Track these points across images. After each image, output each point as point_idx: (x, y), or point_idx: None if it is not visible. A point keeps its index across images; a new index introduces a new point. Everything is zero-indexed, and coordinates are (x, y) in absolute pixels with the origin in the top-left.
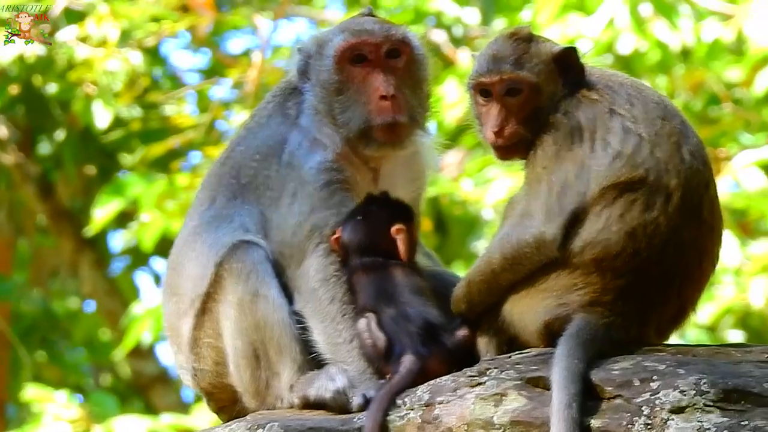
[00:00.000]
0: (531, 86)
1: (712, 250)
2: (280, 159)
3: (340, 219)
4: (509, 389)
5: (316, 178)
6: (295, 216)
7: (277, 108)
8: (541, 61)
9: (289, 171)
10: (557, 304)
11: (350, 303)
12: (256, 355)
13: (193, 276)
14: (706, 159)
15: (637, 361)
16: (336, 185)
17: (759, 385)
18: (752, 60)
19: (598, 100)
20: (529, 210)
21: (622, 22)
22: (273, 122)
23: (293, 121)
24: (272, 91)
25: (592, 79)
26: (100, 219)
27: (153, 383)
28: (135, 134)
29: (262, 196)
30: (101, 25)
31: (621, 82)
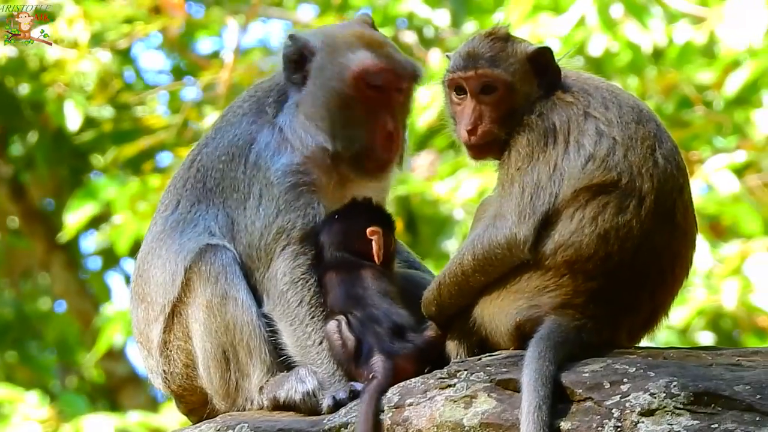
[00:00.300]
0: (506, 85)
1: (685, 254)
2: (246, 159)
3: (307, 221)
4: (479, 391)
5: (282, 180)
6: (261, 219)
7: (254, 105)
8: (517, 60)
9: (255, 172)
10: (528, 306)
11: (319, 305)
12: (225, 357)
13: (162, 282)
14: (680, 163)
15: (608, 364)
16: (302, 188)
17: (729, 388)
18: (723, 62)
19: (572, 103)
20: (502, 211)
21: (592, 22)
22: (245, 121)
23: (269, 119)
24: (249, 90)
25: (567, 82)
26: (72, 224)
27: (123, 384)
28: (107, 135)
29: (228, 198)
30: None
31: (597, 86)
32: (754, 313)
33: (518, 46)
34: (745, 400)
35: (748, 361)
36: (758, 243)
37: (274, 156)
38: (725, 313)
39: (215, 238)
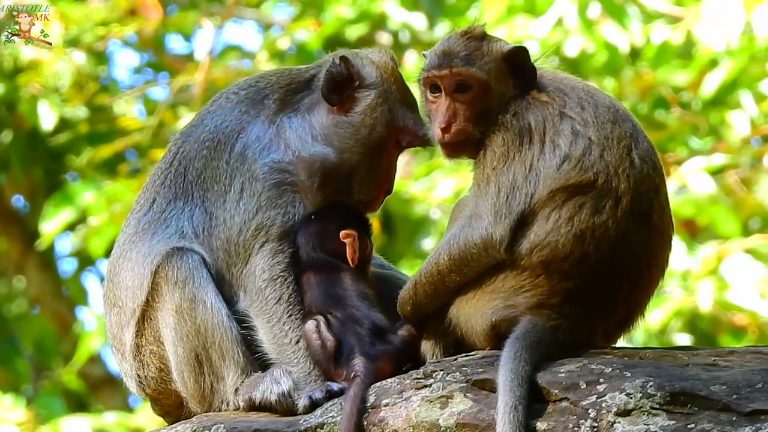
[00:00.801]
0: (480, 83)
1: (661, 255)
2: (232, 148)
3: (287, 219)
4: (455, 391)
5: (267, 176)
6: (241, 214)
7: (251, 95)
8: (492, 59)
9: (239, 164)
10: (504, 306)
11: (297, 303)
12: (198, 361)
13: (131, 286)
14: (656, 164)
15: (584, 364)
16: (286, 186)
17: (706, 388)
18: (700, 63)
19: (548, 103)
20: (478, 211)
21: (571, 23)
22: (237, 109)
23: (267, 113)
24: (250, 78)
25: (543, 82)
26: (49, 231)
27: (100, 385)
28: (82, 137)
29: (209, 190)
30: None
31: (573, 86)
32: (731, 311)
33: (494, 45)
34: (722, 400)
35: (724, 361)
36: (735, 244)
37: (264, 150)
38: (702, 314)
39: (185, 239)
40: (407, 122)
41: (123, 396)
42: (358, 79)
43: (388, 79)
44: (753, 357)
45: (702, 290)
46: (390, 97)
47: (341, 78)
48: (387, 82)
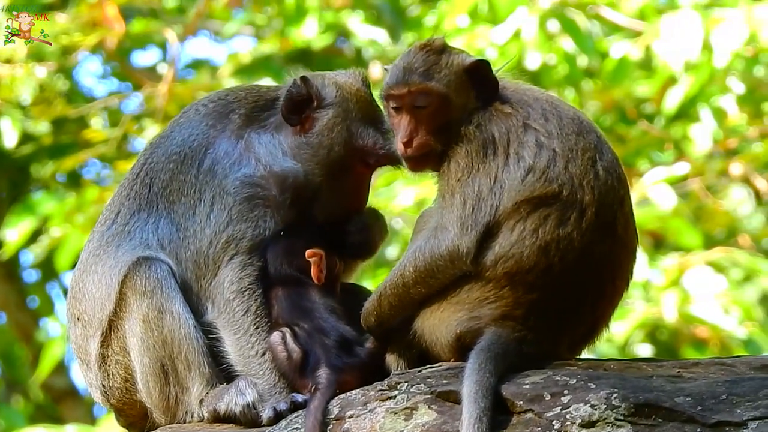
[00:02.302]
0: (440, 97)
1: (625, 266)
2: (200, 163)
3: (257, 232)
4: (420, 403)
5: (239, 190)
6: (212, 227)
7: (219, 108)
8: (452, 72)
9: (209, 178)
10: (469, 318)
11: (264, 316)
12: (164, 371)
13: (98, 298)
14: (620, 175)
15: (548, 376)
16: (258, 200)
17: (670, 400)
18: (661, 77)
19: (511, 114)
20: (443, 223)
21: (529, 35)
22: (204, 122)
23: (233, 128)
24: (220, 91)
25: (505, 93)
26: (13, 241)
27: (63, 397)
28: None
29: (175, 203)
30: None
31: (536, 97)
32: (693, 323)
33: (455, 58)
34: (686, 412)
35: (688, 373)
36: (697, 256)
37: (234, 165)
38: (664, 325)
39: (150, 249)
40: (367, 141)
41: (87, 408)
42: (317, 100)
43: (348, 99)
44: (717, 368)
45: (666, 302)
46: (349, 116)
47: (300, 98)
48: (347, 101)
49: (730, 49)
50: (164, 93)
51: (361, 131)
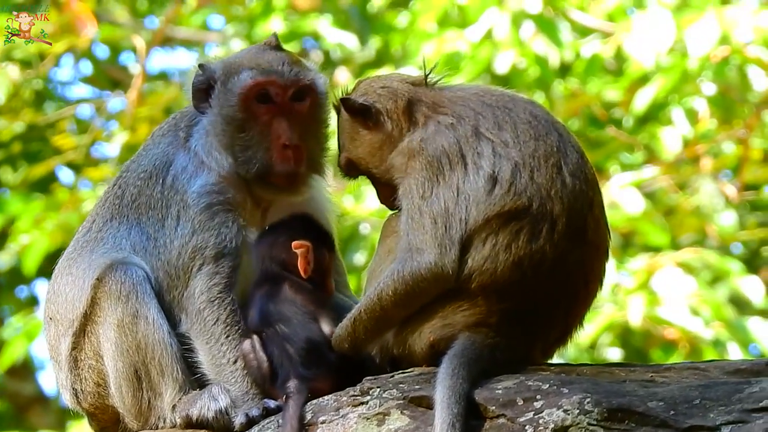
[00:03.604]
0: (346, 151)
1: (597, 268)
2: (164, 180)
3: (220, 240)
4: (392, 408)
5: (197, 201)
6: (179, 239)
7: (171, 127)
8: (344, 121)
9: (173, 194)
10: (442, 325)
11: (235, 324)
12: (137, 376)
13: (71, 299)
14: (587, 175)
15: (521, 381)
16: (217, 206)
17: (643, 404)
18: (631, 77)
19: (455, 125)
20: (417, 244)
21: (501, 34)
22: (163, 142)
23: (183, 142)
24: (176, 112)
25: (445, 103)
26: None
27: (32, 404)
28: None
29: (143, 215)
30: None
31: (486, 102)
32: (662, 326)
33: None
34: (659, 416)
35: (661, 377)
36: (666, 257)
37: (191, 179)
38: (633, 328)
39: (123, 252)
40: (245, 81)
41: (56, 415)
42: (213, 81)
43: (227, 61)
44: (690, 373)
45: (633, 305)
46: (228, 76)
47: (204, 86)
48: (226, 64)
49: (703, 48)
50: (133, 100)
51: (235, 81)
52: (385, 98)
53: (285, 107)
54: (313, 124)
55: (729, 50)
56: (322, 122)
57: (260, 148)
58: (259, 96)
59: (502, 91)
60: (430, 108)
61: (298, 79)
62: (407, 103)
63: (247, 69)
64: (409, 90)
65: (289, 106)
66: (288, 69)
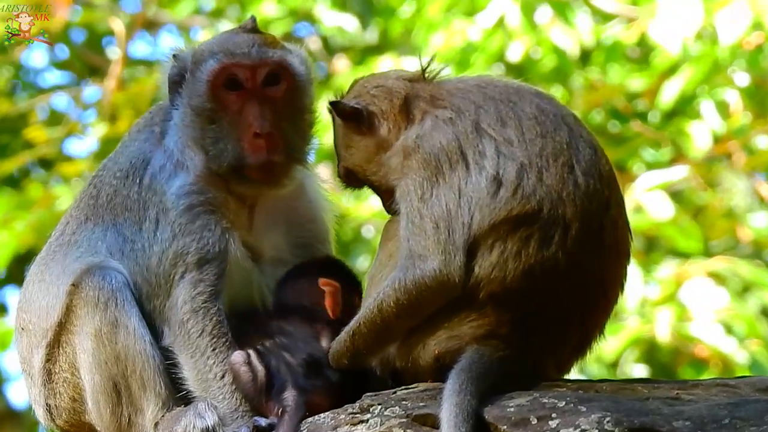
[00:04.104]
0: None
1: (617, 273)
2: (141, 180)
3: (202, 244)
4: (394, 427)
5: (176, 203)
6: (159, 243)
7: (148, 123)
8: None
9: (151, 195)
10: (448, 336)
11: (222, 335)
12: (116, 390)
13: (44, 306)
14: (602, 172)
15: (535, 397)
16: (198, 208)
17: (668, 424)
18: (658, 69)
19: (455, 119)
20: (419, 251)
21: (513, 22)
22: (139, 138)
23: (158, 139)
24: (148, 111)
25: (444, 96)
26: None
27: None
28: None
29: (119, 216)
30: None
31: (490, 96)
32: (692, 343)
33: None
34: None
35: (688, 395)
36: (696, 266)
37: (169, 180)
38: (660, 344)
39: (99, 256)
40: (212, 68)
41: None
42: (185, 70)
43: (198, 49)
44: (719, 390)
45: (660, 319)
46: (196, 64)
47: (178, 78)
48: (197, 51)
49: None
50: (112, 89)
51: (202, 69)
52: (380, 99)
53: (256, 93)
54: (290, 110)
55: (763, 36)
56: (302, 107)
57: (231, 140)
58: (227, 82)
59: (506, 82)
60: (428, 103)
61: (268, 61)
62: (404, 101)
63: (214, 55)
64: (406, 87)
65: (261, 91)
66: (257, 50)
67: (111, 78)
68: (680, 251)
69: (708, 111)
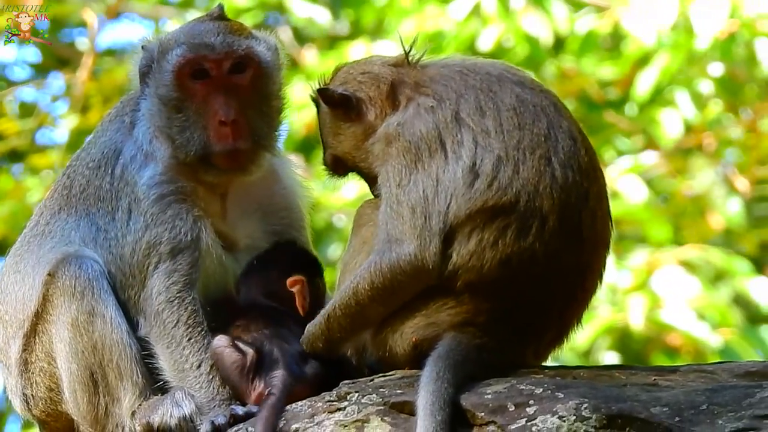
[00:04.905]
0: (332, 147)
1: (596, 265)
2: (113, 171)
3: (174, 234)
4: (371, 415)
5: (147, 193)
6: (132, 233)
7: (119, 113)
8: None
9: (123, 185)
10: (426, 324)
11: (197, 325)
12: (93, 380)
13: (21, 298)
14: (581, 164)
15: (512, 384)
16: (169, 197)
17: (645, 410)
18: (631, 58)
19: (436, 108)
20: (396, 235)
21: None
22: (111, 129)
23: (128, 130)
24: (119, 101)
25: (427, 83)
26: None
27: None
28: None
29: (92, 206)
30: None
31: (471, 84)
32: (664, 330)
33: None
34: (663, 423)
35: (665, 381)
36: (668, 254)
37: (140, 170)
38: (633, 332)
39: (73, 245)
40: (177, 58)
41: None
42: (152, 60)
43: (164, 38)
44: (696, 376)
45: (633, 306)
46: (162, 53)
47: (147, 68)
48: (163, 41)
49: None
50: (83, 80)
51: (167, 58)
52: (368, 85)
53: (222, 81)
54: (257, 97)
55: (737, 24)
56: (269, 94)
57: (197, 128)
58: (193, 72)
59: (488, 70)
60: (413, 89)
61: (233, 50)
62: (390, 87)
63: (179, 44)
64: (392, 72)
65: (227, 79)
66: (222, 40)
67: (82, 69)
68: (652, 240)
69: (683, 101)
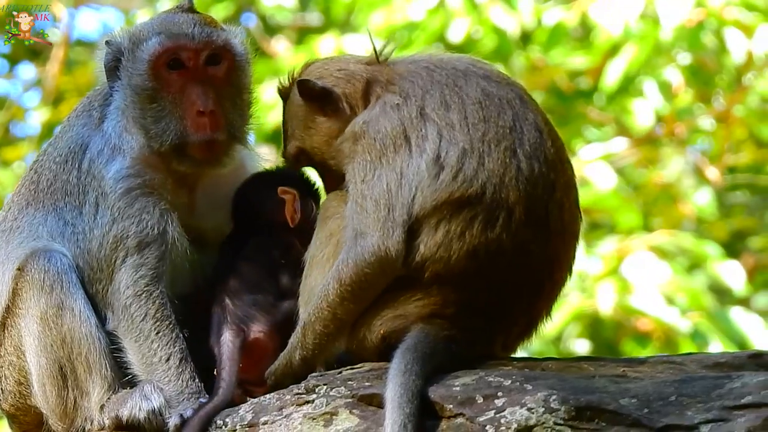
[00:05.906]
0: (300, 139)
1: (565, 257)
2: (80, 165)
3: (141, 228)
4: (340, 408)
5: (114, 188)
6: (99, 227)
7: (86, 108)
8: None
9: (90, 179)
10: (394, 316)
11: (165, 318)
12: (62, 373)
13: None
14: (548, 156)
15: (480, 377)
16: (135, 191)
17: (614, 402)
18: (601, 49)
19: (401, 105)
20: (361, 229)
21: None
22: (77, 123)
23: (96, 124)
24: (86, 95)
25: (395, 80)
26: None
27: None
28: None
29: (60, 200)
30: None
31: (437, 80)
32: (633, 315)
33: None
34: (632, 415)
35: (634, 372)
36: (637, 241)
37: (107, 164)
38: (603, 318)
39: (41, 240)
40: (153, 48)
41: None
42: (121, 52)
43: (134, 31)
44: (665, 367)
45: (602, 293)
46: (135, 45)
47: (112, 63)
48: (133, 34)
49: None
50: (54, 74)
51: (142, 49)
52: (344, 81)
53: (198, 72)
54: (231, 89)
55: (705, 13)
56: (242, 87)
57: (173, 118)
58: (170, 62)
59: (454, 64)
60: (383, 87)
61: (211, 41)
62: (365, 85)
63: (155, 35)
64: (366, 70)
65: (203, 70)
66: (199, 31)
67: (53, 62)
68: (622, 227)
69: (651, 90)
